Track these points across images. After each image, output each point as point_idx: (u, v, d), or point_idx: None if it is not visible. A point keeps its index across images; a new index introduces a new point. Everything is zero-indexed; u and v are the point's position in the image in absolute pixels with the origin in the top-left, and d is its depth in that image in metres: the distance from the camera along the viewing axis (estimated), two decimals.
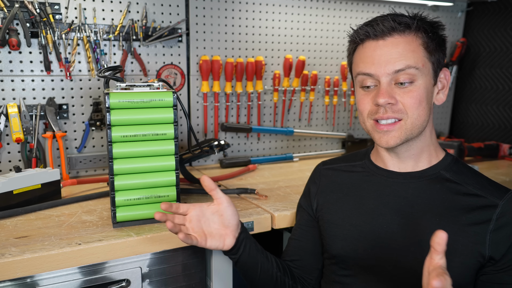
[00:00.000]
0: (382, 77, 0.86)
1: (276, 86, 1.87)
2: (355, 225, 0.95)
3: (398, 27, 0.85)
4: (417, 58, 0.85)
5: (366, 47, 0.88)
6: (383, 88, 0.86)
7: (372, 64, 0.86)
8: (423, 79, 0.86)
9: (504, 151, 2.02)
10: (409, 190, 0.91)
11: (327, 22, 1.97)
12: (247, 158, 1.83)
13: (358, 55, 0.91)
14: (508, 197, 0.85)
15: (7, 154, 1.47)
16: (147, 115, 1.06)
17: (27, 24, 1.41)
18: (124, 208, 1.07)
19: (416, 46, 0.86)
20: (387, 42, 0.86)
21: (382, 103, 0.85)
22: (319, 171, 1.10)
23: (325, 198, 1.04)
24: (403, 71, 0.84)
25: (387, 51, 0.85)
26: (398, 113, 0.86)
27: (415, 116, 0.86)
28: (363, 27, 0.89)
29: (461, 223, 0.84)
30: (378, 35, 0.86)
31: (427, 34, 0.87)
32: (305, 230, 1.08)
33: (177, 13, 1.65)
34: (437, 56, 0.88)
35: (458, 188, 0.88)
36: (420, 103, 0.86)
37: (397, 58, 0.84)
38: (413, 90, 0.85)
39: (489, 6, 2.19)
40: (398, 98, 0.86)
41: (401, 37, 0.85)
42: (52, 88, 1.50)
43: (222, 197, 0.93)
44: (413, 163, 0.93)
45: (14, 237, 1.01)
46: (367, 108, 0.90)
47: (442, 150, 0.97)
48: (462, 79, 2.36)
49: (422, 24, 0.87)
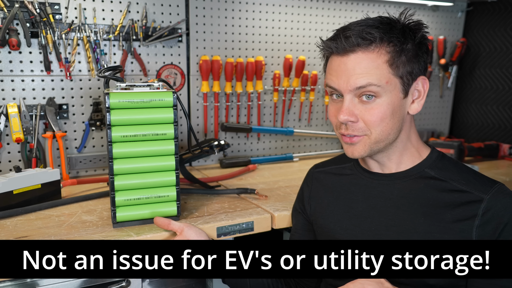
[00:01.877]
0: (345, 93, 0.86)
1: (276, 86, 1.87)
2: (345, 229, 0.95)
3: (362, 42, 0.83)
4: (381, 75, 0.83)
5: (333, 60, 0.88)
6: (345, 105, 0.86)
7: (336, 79, 0.86)
8: (387, 96, 0.84)
9: (504, 151, 2.02)
10: (394, 191, 0.92)
11: (327, 22, 1.97)
12: (247, 158, 1.83)
13: (328, 66, 0.91)
14: (493, 191, 0.83)
15: (7, 154, 1.47)
16: (147, 115, 1.06)
17: (27, 24, 1.41)
18: (124, 208, 1.07)
19: (381, 63, 0.83)
20: (350, 58, 0.84)
21: (343, 120, 0.86)
22: (312, 174, 1.11)
23: (317, 202, 1.05)
24: (364, 88, 0.83)
25: (350, 67, 0.84)
26: (358, 131, 0.87)
27: (378, 132, 0.86)
28: (328, 42, 0.88)
29: (446, 220, 0.84)
30: (341, 52, 0.85)
31: (395, 48, 0.83)
32: (302, 234, 1.09)
33: (177, 13, 1.65)
34: (408, 68, 0.85)
35: (442, 185, 0.88)
36: (382, 120, 0.85)
37: (360, 75, 0.83)
38: (375, 108, 0.84)
39: (489, 6, 2.19)
40: (360, 116, 0.86)
41: (364, 54, 0.83)
42: (52, 88, 1.50)
43: (178, 226, 1.02)
44: (395, 165, 0.93)
45: (14, 237, 1.01)
46: (334, 121, 0.91)
47: (427, 147, 0.96)
48: (462, 79, 2.36)
49: (389, 38, 0.83)
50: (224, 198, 1.35)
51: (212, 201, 1.32)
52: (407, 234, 0.86)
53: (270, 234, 1.26)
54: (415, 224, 0.86)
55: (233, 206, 1.27)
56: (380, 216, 0.91)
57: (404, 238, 0.86)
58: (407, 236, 0.86)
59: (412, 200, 0.89)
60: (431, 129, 2.34)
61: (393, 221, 0.89)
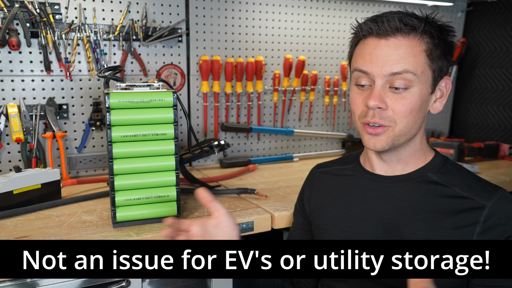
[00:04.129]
0: (377, 78, 0.83)
1: (276, 86, 1.87)
2: (342, 230, 0.95)
3: (404, 28, 0.81)
4: (417, 63, 0.82)
5: (367, 43, 0.85)
6: (376, 90, 0.83)
7: (370, 62, 0.84)
8: (419, 87, 0.83)
9: (504, 151, 2.02)
10: (395, 194, 0.90)
11: (327, 22, 1.97)
12: (247, 158, 1.83)
13: (359, 50, 0.88)
14: (495, 198, 0.82)
15: (7, 154, 1.47)
16: (147, 115, 1.06)
17: (27, 24, 1.41)
18: (124, 208, 1.07)
19: (419, 51, 0.82)
20: (389, 42, 0.82)
21: (372, 106, 0.83)
22: (313, 174, 1.10)
23: (317, 202, 1.04)
24: (399, 75, 0.81)
25: (387, 52, 0.82)
26: (385, 120, 0.84)
27: (403, 124, 0.84)
28: (368, 22, 0.85)
29: (446, 227, 0.83)
30: (381, 33, 0.82)
31: (433, 40, 0.83)
32: (300, 234, 1.09)
33: (177, 13, 1.65)
34: (439, 64, 0.85)
35: (444, 190, 0.86)
36: (411, 111, 0.83)
37: (396, 60, 0.81)
38: (406, 97, 0.83)
39: (489, 6, 2.19)
40: (389, 104, 0.83)
41: (405, 40, 0.82)
42: (52, 88, 1.50)
43: (221, 208, 0.85)
44: (401, 168, 0.92)
45: (14, 237, 1.01)
46: (359, 109, 0.88)
47: (432, 151, 0.95)
48: (462, 79, 2.36)
49: (429, 29, 0.83)
50: (224, 198, 1.35)
51: None
52: (406, 238, 0.86)
53: (270, 234, 1.26)
54: (414, 229, 0.85)
55: (233, 206, 1.27)
56: (378, 219, 0.90)
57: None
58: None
59: (413, 205, 0.88)
60: (431, 129, 2.34)
61: (391, 224, 0.88)
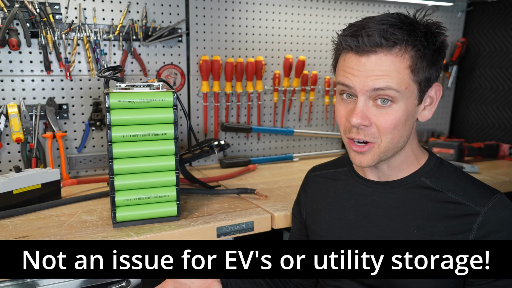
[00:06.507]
0: (360, 93, 0.80)
1: (276, 86, 1.87)
2: (336, 237, 0.94)
3: (385, 43, 0.77)
4: (401, 80, 0.78)
5: (348, 58, 0.82)
6: (359, 107, 0.80)
7: (353, 77, 0.80)
8: (403, 102, 0.80)
9: (504, 151, 2.02)
10: (388, 201, 0.89)
11: (327, 22, 1.97)
12: (247, 158, 1.83)
13: (341, 63, 0.84)
14: (491, 204, 0.80)
15: (7, 154, 1.47)
16: (147, 115, 1.06)
17: (27, 24, 1.41)
18: (124, 208, 1.07)
19: (402, 67, 0.78)
20: (370, 59, 0.78)
21: (355, 124, 0.80)
22: (309, 178, 1.09)
23: (312, 207, 1.03)
24: (382, 91, 0.78)
25: (369, 68, 0.78)
26: (370, 136, 0.82)
27: (388, 140, 0.82)
28: (347, 39, 0.80)
29: (440, 234, 0.82)
30: (361, 51, 0.78)
31: (418, 53, 0.79)
32: (297, 239, 1.09)
33: (177, 13, 1.65)
34: (426, 74, 0.81)
35: (438, 196, 0.84)
36: (395, 127, 0.81)
37: (379, 76, 0.78)
38: (389, 113, 0.80)
39: (489, 6, 2.19)
40: (373, 120, 0.81)
41: (386, 56, 0.77)
42: (52, 88, 1.50)
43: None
44: (393, 174, 0.90)
45: (14, 237, 1.01)
46: (343, 123, 0.86)
47: (425, 153, 0.92)
48: (462, 79, 2.36)
49: (413, 41, 0.78)
50: (224, 198, 1.35)
51: (212, 201, 1.32)
52: None
53: (270, 234, 1.26)
54: (408, 237, 0.84)
55: (233, 206, 1.27)
56: (372, 226, 0.89)
57: None
58: None
59: (406, 211, 0.86)
60: (431, 129, 2.34)
61: (385, 232, 0.87)
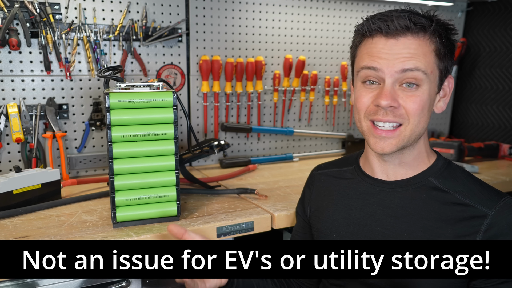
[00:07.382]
0: (388, 76, 0.81)
1: (276, 86, 1.87)
2: (341, 236, 0.94)
3: (413, 27, 0.80)
4: (427, 63, 0.81)
5: (376, 42, 0.83)
6: (387, 89, 0.81)
7: (380, 59, 0.81)
8: (428, 85, 0.82)
9: (504, 151, 2.02)
10: (395, 200, 0.89)
11: (327, 22, 1.97)
12: (247, 158, 1.83)
13: (365, 48, 0.85)
14: (498, 207, 0.80)
15: (7, 154, 1.47)
16: (147, 115, 1.06)
17: (27, 24, 1.41)
18: (124, 208, 1.07)
19: (429, 51, 0.81)
20: (399, 42, 0.80)
21: (384, 105, 0.81)
22: (313, 176, 1.09)
23: (317, 205, 1.03)
24: (411, 72, 0.80)
25: (398, 50, 0.80)
26: (399, 117, 0.82)
27: (416, 123, 0.82)
28: (376, 21, 0.82)
29: (446, 235, 0.82)
30: (390, 33, 0.80)
31: (441, 40, 0.82)
32: (300, 237, 1.09)
33: (177, 13, 1.65)
34: (446, 63, 0.84)
35: (445, 197, 0.84)
36: (422, 109, 0.82)
37: (408, 58, 0.80)
38: (417, 95, 0.81)
39: (489, 6, 2.19)
40: (401, 102, 0.81)
41: (414, 39, 0.80)
42: (52, 88, 1.50)
43: (196, 236, 0.91)
44: (403, 171, 0.90)
45: (14, 237, 1.01)
46: (365, 106, 0.85)
47: (433, 153, 0.93)
48: (462, 79, 2.36)
49: (437, 28, 0.82)
50: (224, 198, 1.35)
51: (212, 201, 1.32)
52: None
53: (270, 234, 1.26)
54: (413, 237, 0.84)
55: (233, 206, 1.27)
56: (378, 225, 0.89)
57: None
58: None
59: (413, 211, 0.86)
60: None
61: (391, 231, 0.87)
